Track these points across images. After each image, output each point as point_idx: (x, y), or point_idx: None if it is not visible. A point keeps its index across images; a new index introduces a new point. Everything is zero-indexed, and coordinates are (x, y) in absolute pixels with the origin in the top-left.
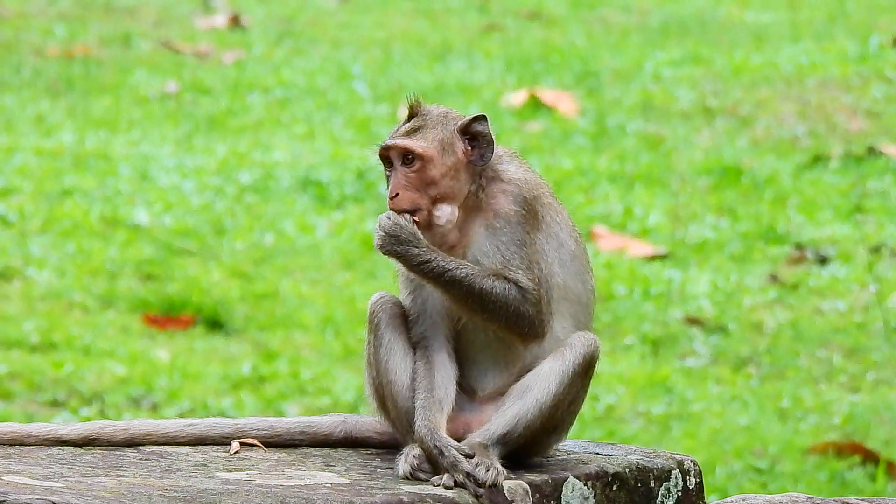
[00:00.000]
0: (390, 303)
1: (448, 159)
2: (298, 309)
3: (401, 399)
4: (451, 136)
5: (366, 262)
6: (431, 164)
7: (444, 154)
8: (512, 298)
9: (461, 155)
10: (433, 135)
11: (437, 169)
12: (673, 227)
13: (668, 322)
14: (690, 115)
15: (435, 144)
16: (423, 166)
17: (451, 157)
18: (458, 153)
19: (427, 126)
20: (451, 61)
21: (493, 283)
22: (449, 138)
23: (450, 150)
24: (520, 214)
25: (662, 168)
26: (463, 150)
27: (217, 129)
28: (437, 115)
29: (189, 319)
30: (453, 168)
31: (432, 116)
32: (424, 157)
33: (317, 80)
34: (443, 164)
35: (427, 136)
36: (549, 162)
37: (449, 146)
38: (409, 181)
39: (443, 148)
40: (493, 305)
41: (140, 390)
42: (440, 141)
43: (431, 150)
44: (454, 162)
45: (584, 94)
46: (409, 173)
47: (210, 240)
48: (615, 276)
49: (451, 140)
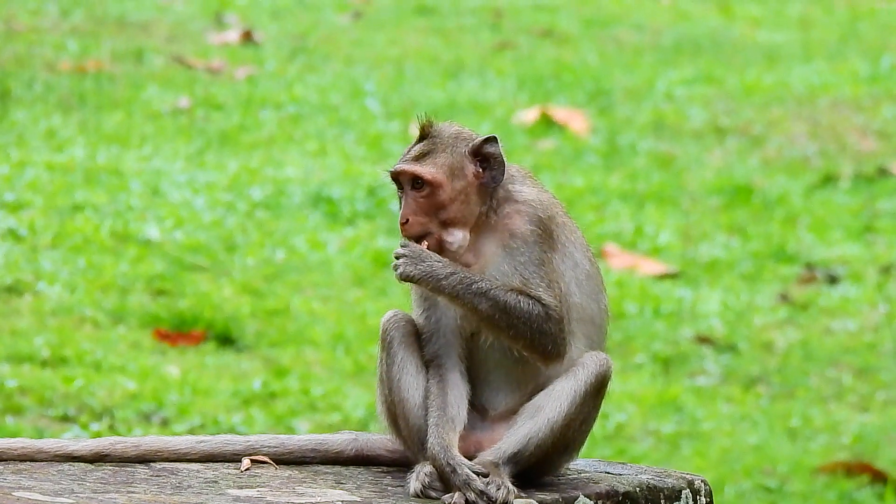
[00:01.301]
0: (403, 321)
1: (458, 183)
2: (309, 325)
3: (413, 417)
4: (462, 160)
5: (377, 279)
6: (441, 189)
7: (453, 178)
8: (536, 315)
9: (472, 177)
10: (443, 159)
11: (447, 194)
12: (684, 245)
13: (678, 341)
14: (702, 135)
15: (444, 169)
16: (433, 192)
17: (461, 181)
18: (469, 176)
19: (437, 149)
20: (464, 79)
21: (518, 298)
22: (459, 161)
23: (460, 175)
24: (536, 234)
25: (673, 187)
26: (474, 173)
27: (229, 145)
28: (448, 137)
29: (200, 335)
30: (463, 192)
31: (443, 138)
32: (433, 183)
33: (329, 96)
34: (452, 189)
35: (437, 161)
36: (560, 180)
37: (459, 170)
38: (419, 206)
39: (452, 172)
40: (518, 321)
41: (150, 406)
42: (450, 166)
43: (440, 175)
44: (464, 186)
45: (595, 113)
46: (418, 198)
47: (221, 256)
48: (626, 295)
49: (461, 163)
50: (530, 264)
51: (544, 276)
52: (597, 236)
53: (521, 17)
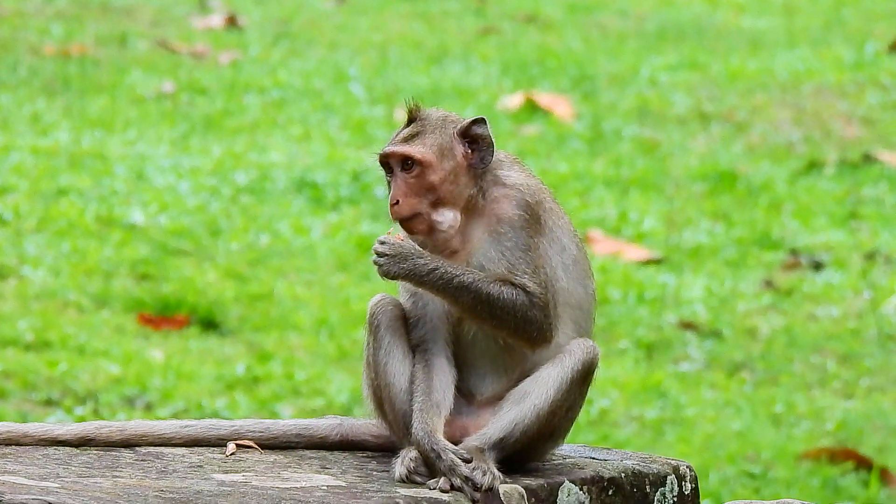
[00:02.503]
0: (390, 305)
1: (447, 164)
2: (293, 310)
3: (399, 402)
4: (451, 140)
5: (361, 264)
6: (431, 169)
7: (443, 158)
8: (520, 304)
9: (461, 158)
10: (432, 139)
11: (437, 174)
12: (668, 231)
13: (662, 327)
14: (686, 121)
15: (434, 149)
16: (423, 171)
17: (451, 162)
18: (458, 157)
19: (426, 131)
20: (448, 64)
21: (501, 289)
22: (448, 142)
23: (449, 155)
24: (523, 219)
25: (658, 173)
26: (463, 154)
27: (213, 130)
28: (436, 120)
29: (184, 320)
30: (453, 172)
31: (431, 121)
32: (423, 162)
33: (313, 81)
34: (442, 169)
35: (426, 142)
36: (544, 166)
37: (448, 150)
38: (410, 187)
39: (442, 152)
40: (502, 311)
41: (134, 390)
42: (439, 145)
43: (430, 155)
44: (454, 166)
45: (580, 99)
46: (408, 179)
47: (205, 240)
48: (610, 281)
49: (450, 144)
50: (517, 249)
51: (530, 262)
52: (581, 222)
53: (506, 2)
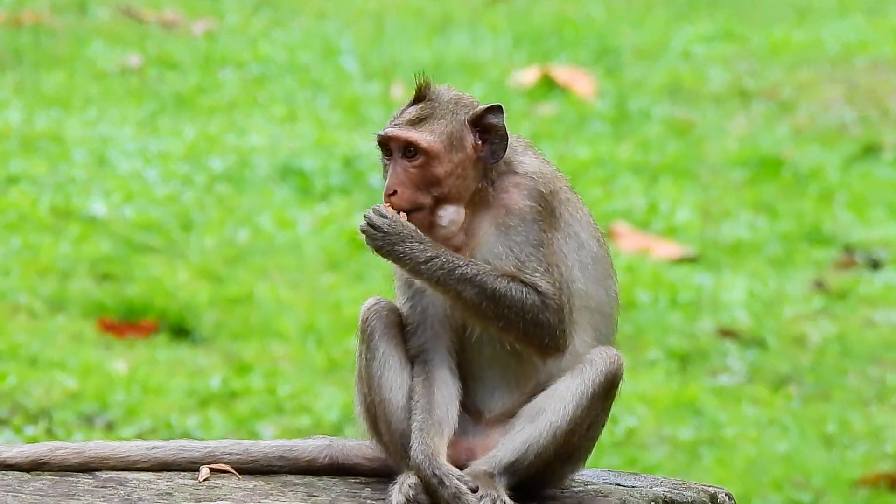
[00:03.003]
0: (386, 310)
1: (455, 155)
2: (276, 315)
3: (395, 420)
4: (461, 129)
5: (354, 262)
6: (437, 160)
7: (451, 149)
8: (530, 304)
9: (470, 150)
10: (441, 126)
11: (443, 166)
12: (703, 225)
13: (697, 334)
14: (723, 99)
15: (442, 138)
16: (427, 162)
17: (459, 153)
18: (468, 148)
19: (435, 115)
20: (453, 35)
21: (509, 285)
22: (458, 131)
23: (458, 145)
24: (535, 211)
25: (691, 158)
26: (472, 145)
27: (185, 109)
28: (447, 102)
29: (151, 326)
30: (460, 165)
31: (441, 102)
32: (430, 152)
33: (299, 54)
34: (449, 161)
35: (434, 128)
36: (562, 150)
37: (458, 140)
38: (410, 177)
39: (451, 142)
40: (509, 311)
41: (94, 406)
42: (448, 134)
43: (438, 144)
44: (462, 158)
45: (602, 74)
46: (410, 168)
47: (176, 235)
48: (637, 282)
49: (460, 133)
50: (527, 245)
51: (542, 259)
52: (604, 214)
53: None
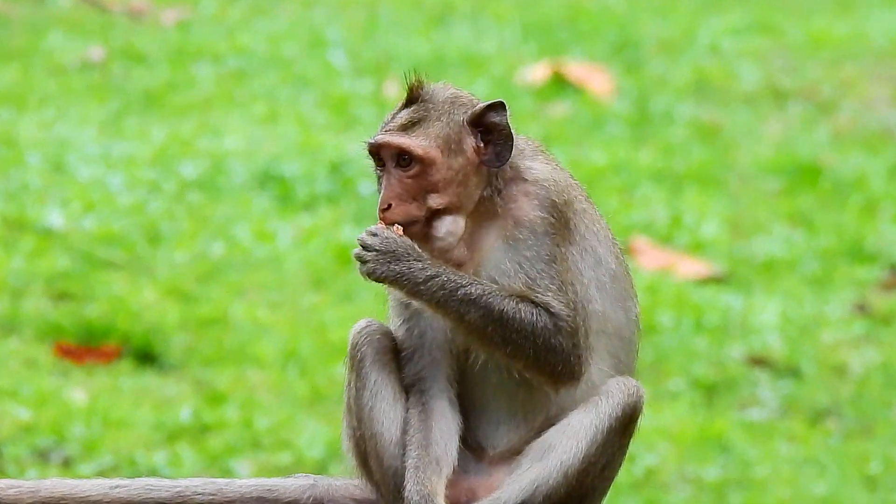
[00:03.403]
0: (378, 333)
1: (455, 161)
2: (254, 339)
3: (388, 456)
4: (460, 131)
5: (341, 279)
6: (433, 167)
7: (449, 154)
8: (541, 327)
9: (471, 154)
10: (436, 129)
11: (441, 173)
12: (732, 240)
13: (725, 362)
14: (756, 99)
15: (438, 143)
16: (424, 170)
17: (459, 158)
18: (468, 152)
19: (430, 117)
20: (453, 26)
21: (518, 307)
22: (456, 133)
23: (457, 149)
24: (547, 223)
25: (720, 165)
26: (474, 148)
27: (153, 109)
28: (443, 102)
29: (113, 351)
30: (461, 171)
31: (436, 103)
32: (425, 159)
33: (282, 47)
34: (448, 168)
35: (429, 132)
36: (575, 155)
37: (456, 144)
38: (406, 188)
39: (448, 147)
40: (518, 335)
41: (49, 441)
42: (445, 138)
43: (433, 150)
44: (462, 164)
45: (621, 70)
46: (405, 178)
47: (142, 249)
48: (659, 303)
49: (458, 135)
50: (538, 261)
51: (555, 276)
52: (622, 227)
53: None
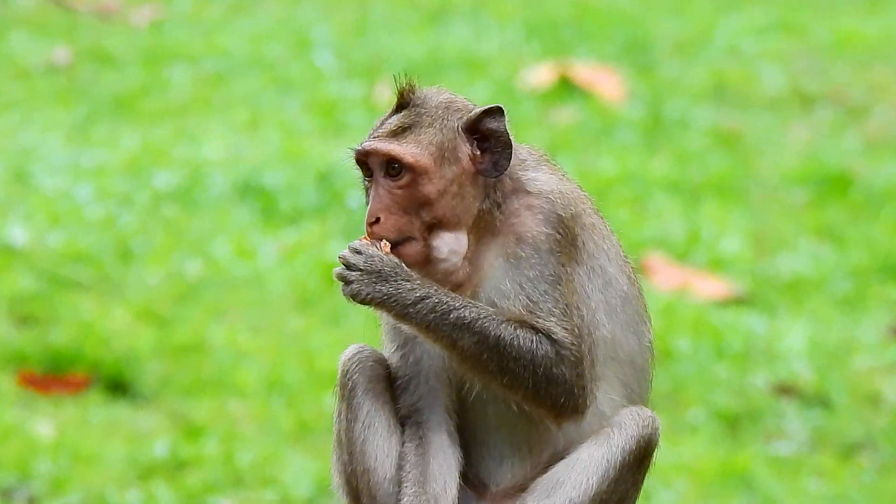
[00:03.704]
0: (370, 360)
1: (448, 170)
2: (234, 366)
3: (382, 494)
4: (454, 138)
5: (328, 300)
6: (426, 177)
7: (442, 163)
8: (541, 356)
9: (467, 162)
10: (429, 136)
11: (434, 184)
12: (755, 257)
13: (748, 391)
14: (779, 104)
15: (431, 150)
16: (415, 180)
17: (453, 167)
18: (463, 160)
19: (421, 122)
20: (450, 25)
21: (516, 332)
22: (451, 140)
23: (451, 158)
24: (552, 239)
25: (740, 175)
26: (469, 156)
27: (124, 114)
28: (436, 107)
29: (81, 380)
30: (455, 181)
31: (429, 108)
32: (416, 168)
33: (264, 48)
34: (441, 178)
35: (421, 138)
36: (583, 165)
37: (451, 151)
38: (396, 200)
39: (442, 155)
40: (516, 364)
41: (13, 477)
42: (438, 145)
43: (425, 158)
44: (456, 173)
45: (632, 73)
46: (395, 189)
47: (112, 268)
48: (675, 327)
49: (453, 143)
50: (541, 281)
51: (559, 300)
52: (634, 243)
53: None
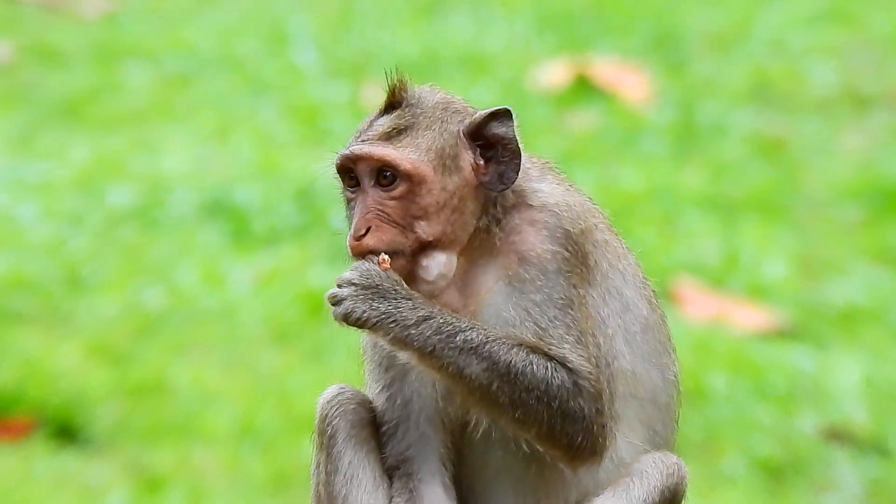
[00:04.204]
0: (353, 403)
1: (449, 180)
2: (201, 409)
3: None
4: (455, 143)
5: (308, 334)
6: (423, 187)
7: (443, 171)
8: (557, 386)
9: (469, 173)
10: (427, 140)
11: (433, 195)
12: (802, 283)
13: (793, 437)
14: (830, 107)
15: (429, 156)
16: (411, 190)
17: (454, 177)
18: (465, 170)
19: (417, 125)
20: (449, 16)
21: (528, 359)
22: (452, 146)
23: (452, 166)
24: (560, 258)
25: (785, 189)
26: (472, 165)
27: (74, 121)
28: (433, 107)
29: (25, 425)
30: (456, 194)
31: (425, 108)
32: (413, 176)
33: (234, 44)
34: (441, 189)
35: (418, 142)
36: (603, 177)
37: (451, 159)
38: (387, 213)
39: (441, 162)
40: (529, 395)
41: None
42: (438, 151)
43: (424, 165)
44: (458, 184)
45: (660, 71)
46: (386, 199)
47: (60, 298)
48: (709, 363)
49: (454, 149)
50: (549, 306)
51: (572, 325)
52: (662, 267)
53: None
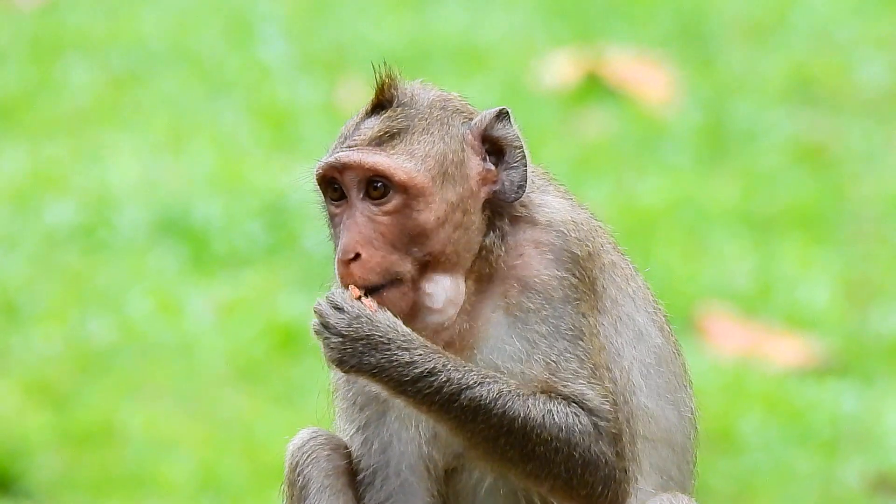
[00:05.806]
0: (326, 449)
1: (452, 191)
2: (155, 458)
3: None
4: (460, 148)
5: (277, 372)
6: (422, 200)
7: (444, 181)
8: (579, 432)
9: (475, 182)
10: (425, 145)
11: (433, 210)
12: (847, 311)
13: (837, 486)
14: (881, 108)
15: (428, 164)
16: (407, 204)
17: (458, 188)
18: (472, 179)
19: (413, 128)
20: (439, 5)
21: (547, 409)
22: (456, 151)
23: (456, 175)
24: (567, 285)
25: (829, 203)
26: (480, 173)
27: (6, 126)
28: (429, 106)
29: None
30: (459, 206)
31: (420, 108)
32: (410, 188)
33: (190, 37)
34: (442, 202)
35: (414, 148)
36: (618, 189)
37: (455, 166)
38: (380, 230)
39: (443, 171)
40: (547, 448)
41: None
42: (438, 157)
43: (422, 175)
44: (462, 196)
45: (684, 66)
46: (378, 215)
47: None
48: (741, 404)
49: (458, 155)
50: (558, 338)
51: (585, 358)
52: (686, 294)
53: None
